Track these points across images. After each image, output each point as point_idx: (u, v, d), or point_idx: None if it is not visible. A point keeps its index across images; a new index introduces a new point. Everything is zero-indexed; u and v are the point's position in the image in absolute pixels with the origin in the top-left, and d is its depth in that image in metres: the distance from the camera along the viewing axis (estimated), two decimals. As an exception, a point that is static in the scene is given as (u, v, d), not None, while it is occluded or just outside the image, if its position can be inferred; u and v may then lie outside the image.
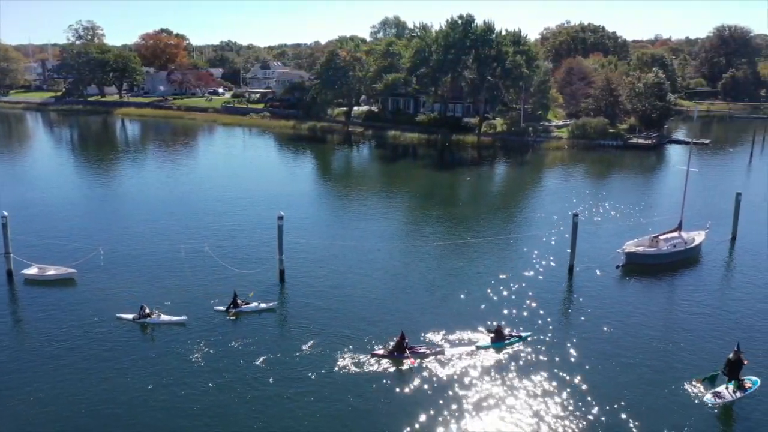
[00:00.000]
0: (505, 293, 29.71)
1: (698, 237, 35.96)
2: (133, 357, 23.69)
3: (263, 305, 28.20)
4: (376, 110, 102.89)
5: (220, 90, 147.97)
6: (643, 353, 23.85)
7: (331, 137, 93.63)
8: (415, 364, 23.03)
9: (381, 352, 23.78)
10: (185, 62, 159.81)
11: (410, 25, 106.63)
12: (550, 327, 26.07)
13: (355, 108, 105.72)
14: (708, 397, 20.67)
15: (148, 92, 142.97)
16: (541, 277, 31.88)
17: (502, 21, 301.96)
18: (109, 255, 33.96)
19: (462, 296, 29.33)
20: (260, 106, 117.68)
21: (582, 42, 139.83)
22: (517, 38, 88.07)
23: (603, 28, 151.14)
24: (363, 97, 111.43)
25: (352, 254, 35.19)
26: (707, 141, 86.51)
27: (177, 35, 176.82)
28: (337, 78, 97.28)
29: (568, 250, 32.82)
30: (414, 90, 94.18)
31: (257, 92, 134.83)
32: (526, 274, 32.38)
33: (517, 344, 24.59)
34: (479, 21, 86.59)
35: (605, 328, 25.83)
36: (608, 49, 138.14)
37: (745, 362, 20.86)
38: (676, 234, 35.54)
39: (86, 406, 20.56)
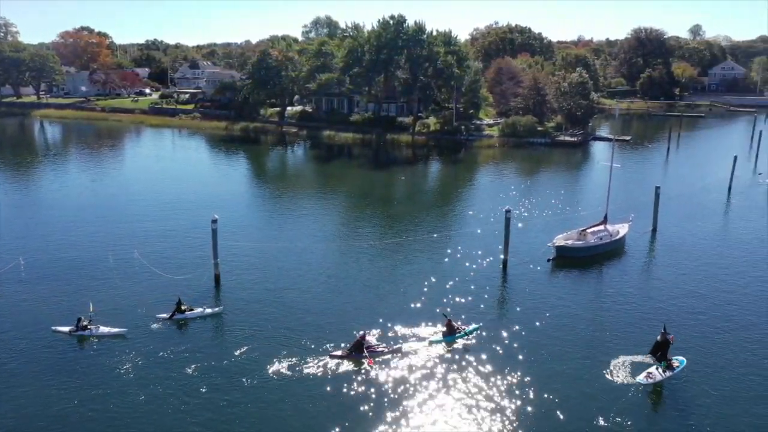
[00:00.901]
0: (442, 290, 30.17)
1: (622, 229, 37.70)
2: (69, 371, 22.54)
3: (209, 311, 27.46)
4: (310, 110, 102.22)
5: (147, 90, 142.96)
6: (576, 341, 24.82)
7: (264, 138, 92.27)
8: (373, 364, 23.06)
9: (339, 353, 23.63)
10: (108, 61, 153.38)
11: (342, 25, 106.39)
12: (489, 321, 26.66)
13: (289, 108, 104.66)
14: (639, 377, 21.82)
15: (68, 93, 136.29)
16: (477, 273, 32.55)
17: (432, 22, 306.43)
18: (31, 266, 32.17)
19: (401, 294, 29.57)
20: (190, 106, 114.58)
21: (510, 43, 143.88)
22: (447, 39, 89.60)
23: (530, 29, 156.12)
24: (296, 97, 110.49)
25: (290, 256, 34.80)
26: (628, 138, 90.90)
27: (99, 33, 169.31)
28: (270, 78, 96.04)
29: (501, 246, 33.68)
30: (348, 90, 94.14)
31: (186, 92, 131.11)
32: (463, 270, 32.99)
33: (466, 337, 25.11)
34: (410, 21, 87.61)
35: (540, 319, 26.69)
36: (535, 50, 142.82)
37: (671, 340, 22.14)
38: (602, 227, 37.11)
39: (16, 423, 19.44)
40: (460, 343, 24.72)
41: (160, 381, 21.80)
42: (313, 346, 24.24)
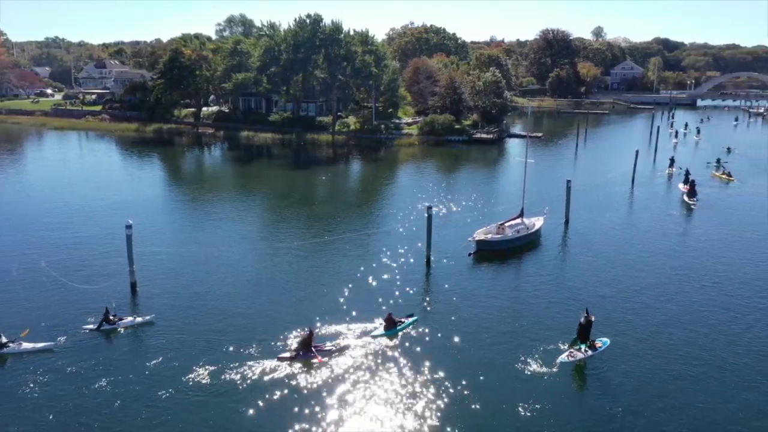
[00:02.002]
0: (367, 287, 30.32)
1: (538, 222, 39.32)
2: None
3: (139, 319, 26.21)
4: (227, 110, 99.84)
5: (49, 91, 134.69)
6: (502, 329, 25.69)
7: (179, 139, 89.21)
8: (323, 361, 22.89)
9: (287, 354, 23.23)
10: (4, 60, 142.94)
11: (258, 24, 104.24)
12: (418, 315, 27.02)
13: (204, 108, 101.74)
14: (562, 357, 22.94)
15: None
16: (401, 269, 32.94)
17: (349, 21, 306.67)
18: None
19: (329, 293, 29.43)
20: (98, 107, 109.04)
21: (426, 42, 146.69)
22: (365, 38, 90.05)
23: (444, 29, 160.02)
24: (212, 97, 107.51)
25: (212, 260, 33.85)
26: (540, 134, 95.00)
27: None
28: (183, 77, 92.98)
29: (424, 242, 34.25)
30: (265, 89, 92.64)
31: (93, 93, 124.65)
32: (388, 267, 33.29)
33: (407, 329, 25.56)
34: (327, 21, 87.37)
35: (466, 311, 27.35)
36: (450, 50, 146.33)
37: (593, 319, 23.48)
38: (519, 220, 38.53)
39: None
40: (400, 336, 25.11)
41: (81, 396, 20.62)
42: (254, 350, 23.70)
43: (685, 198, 50.20)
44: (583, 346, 23.25)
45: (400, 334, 25.26)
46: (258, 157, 77.64)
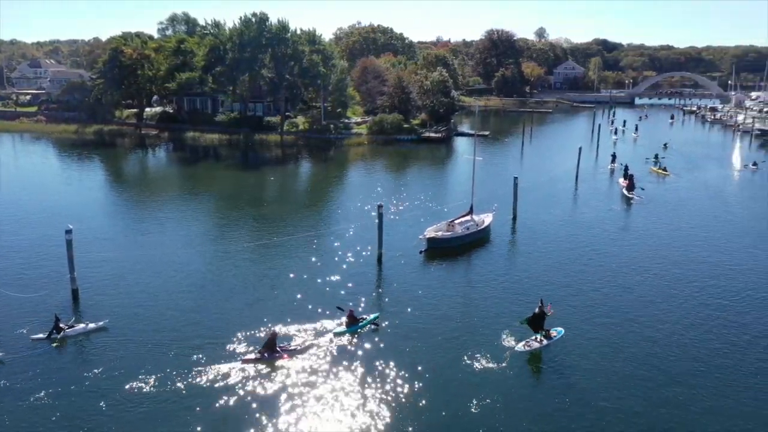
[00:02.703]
0: (320, 287, 30.12)
1: (487, 219, 39.97)
2: None
3: (92, 325, 25.22)
4: (172, 111, 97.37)
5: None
6: (456, 324, 26.01)
7: (121, 141, 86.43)
8: (290, 362, 22.71)
9: (252, 356, 22.87)
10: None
11: (202, 22, 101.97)
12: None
13: (148, 109, 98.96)
14: (518, 347, 23.59)
15: None
16: (353, 268, 32.89)
17: (295, 21, 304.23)
18: None
19: (279, 294, 29.09)
20: (33, 108, 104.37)
21: (374, 42, 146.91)
22: (312, 38, 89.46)
23: (391, 29, 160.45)
24: (155, 97, 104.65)
25: (159, 264, 32.91)
26: (487, 133, 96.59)
27: None
28: (124, 77, 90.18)
29: (373, 242, 34.34)
30: (211, 89, 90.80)
31: (27, 94, 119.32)
32: (339, 267, 33.17)
33: (368, 326, 25.68)
34: (273, 20, 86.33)
35: (419, 310, 27.50)
36: (398, 50, 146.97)
37: (550, 313, 24.14)
38: (468, 217, 39.06)
39: None
40: (362, 333, 25.25)
41: (17, 411, 19.66)
42: (213, 353, 23.19)
43: (625, 192, 52.14)
44: (538, 336, 24.00)
45: (361, 331, 25.37)
46: (205, 158, 75.98)
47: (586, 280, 31.54)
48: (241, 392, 20.92)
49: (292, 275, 31.81)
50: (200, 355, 23.07)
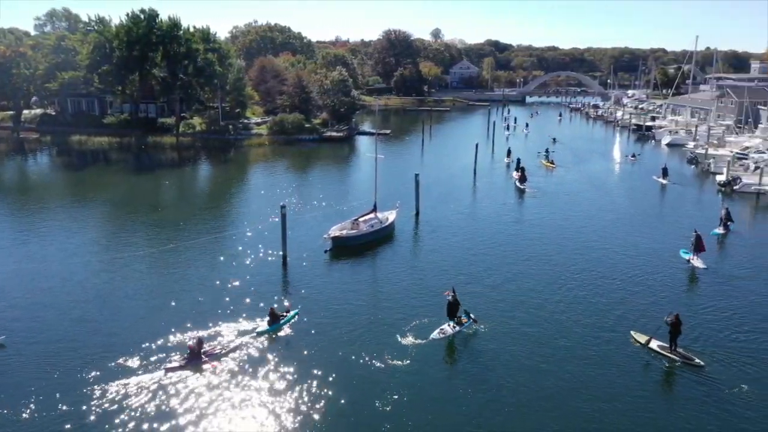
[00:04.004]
0: (225, 291, 29.20)
1: (391, 216, 40.49)
2: None
3: None
4: (53, 113, 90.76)
5: None
6: (368, 320, 26.16)
7: (-4, 146, 79.42)
8: (217, 366, 22.00)
9: (175, 364, 21.96)
10: None
11: (85, 18, 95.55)
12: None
13: (26, 111, 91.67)
14: (433, 335, 24.41)
15: None
16: (258, 270, 32.20)
17: (188, 18, 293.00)
18: None
19: (185, 300, 27.87)
20: None
21: (271, 41, 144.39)
22: (206, 36, 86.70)
23: (289, 28, 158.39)
24: (34, 98, 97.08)
25: (46, 276, 30.55)
26: (388, 131, 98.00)
27: None
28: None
29: (277, 243, 33.85)
30: (98, 89, 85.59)
31: None
32: (243, 270, 32.36)
33: (290, 322, 25.70)
34: (163, 16, 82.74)
35: (326, 309, 27.34)
36: (296, 49, 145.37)
37: (452, 297, 25.18)
38: (372, 215, 39.39)
39: None
40: (284, 330, 25.23)
41: None
42: (133, 364, 22.16)
43: (517, 184, 55.09)
44: (452, 323, 25.06)
45: (283, 328, 25.38)
46: (94, 162, 71.40)
47: (487, 269, 32.80)
48: (168, 401, 20.09)
49: (195, 281, 30.66)
50: (117, 367, 21.91)
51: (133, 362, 22.31)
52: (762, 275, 32.40)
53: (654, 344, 23.65)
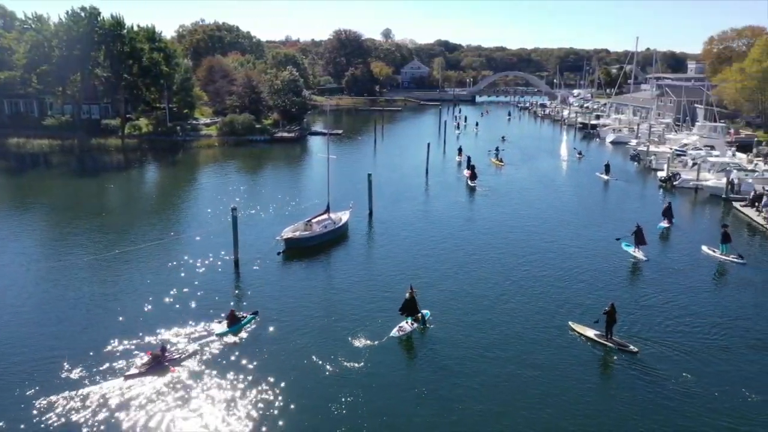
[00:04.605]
0: (176, 296, 28.53)
1: (344, 216, 40.41)
2: None
3: None
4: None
5: None
6: (326, 321, 26.05)
7: (-76, 151, 75.16)
8: (179, 371, 21.61)
9: (135, 371, 21.42)
10: None
11: (21, 16, 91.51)
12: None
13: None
14: (393, 332, 24.63)
15: None
16: (209, 275, 31.60)
17: (132, 17, 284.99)
18: None
19: (131, 307, 27.06)
20: None
21: (219, 41, 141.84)
22: (151, 35, 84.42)
23: (238, 28, 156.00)
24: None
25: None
26: (341, 132, 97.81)
27: None
28: None
29: (229, 246, 33.35)
30: (36, 90, 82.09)
31: None
32: (194, 273, 31.71)
33: (250, 324, 25.56)
34: (106, 14, 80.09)
35: (279, 312, 27.02)
36: (245, 49, 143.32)
37: (412, 294, 25.51)
38: (325, 216, 39.23)
39: None
40: (243, 333, 25.00)
41: None
42: (90, 371, 21.48)
43: (469, 182, 55.97)
44: (410, 320, 25.33)
45: (243, 329, 25.19)
46: (33, 166, 68.42)
47: (440, 266, 33.19)
48: (130, 409, 19.58)
49: (142, 287, 29.79)
50: (74, 376, 21.21)
51: (83, 372, 21.53)
52: (698, 267, 33.91)
53: (591, 333, 24.66)
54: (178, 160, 72.72)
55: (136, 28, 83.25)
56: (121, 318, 26.22)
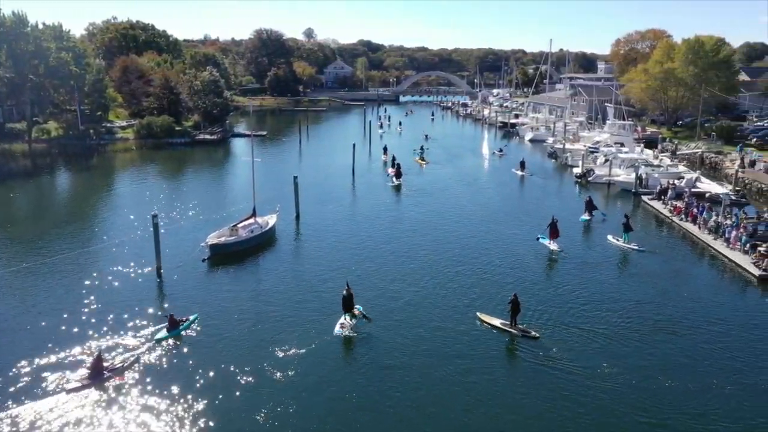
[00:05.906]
0: (95, 308, 27.22)
1: (271, 220, 39.89)
2: None
3: None
4: None
5: None
6: (256, 326, 25.72)
7: None
8: (123, 380, 21.05)
9: (76, 384, 20.53)
10: None
11: None
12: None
13: None
14: (335, 330, 24.92)
15: None
16: (130, 285, 30.36)
17: (36, 14, 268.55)
18: None
19: (54, 322, 25.56)
20: None
21: (133, 40, 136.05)
22: (59, 33, 79.89)
23: (153, 26, 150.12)
24: None
25: None
26: (265, 133, 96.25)
27: None
28: None
29: (150, 254, 32.26)
30: (-71, 92, 75.95)
31: None
32: (113, 284, 30.39)
33: (190, 327, 25.23)
34: (6, 11, 75.11)
35: (207, 321, 26.31)
36: (162, 48, 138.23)
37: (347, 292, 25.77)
38: (252, 220, 38.57)
39: None
40: (184, 335, 24.73)
41: None
42: (26, 388, 20.48)
43: (394, 180, 56.90)
44: (347, 316, 25.60)
45: (184, 333, 24.82)
46: (-73, 175, 63.28)
47: (368, 265, 33.53)
48: (73, 425, 18.74)
49: (53, 302, 28.17)
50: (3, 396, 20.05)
51: (31, 385, 20.69)
52: (607, 259, 35.89)
53: (497, 322, 26.03)
54: (92, 165, 69.37)
55: (41, 27, 78.56)
56: (46, 333, 24.75)
